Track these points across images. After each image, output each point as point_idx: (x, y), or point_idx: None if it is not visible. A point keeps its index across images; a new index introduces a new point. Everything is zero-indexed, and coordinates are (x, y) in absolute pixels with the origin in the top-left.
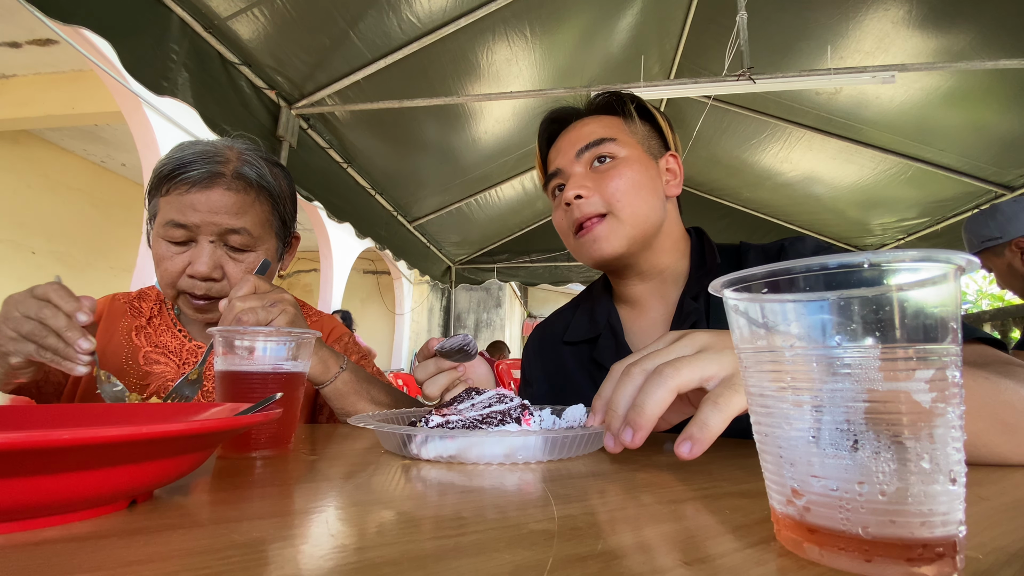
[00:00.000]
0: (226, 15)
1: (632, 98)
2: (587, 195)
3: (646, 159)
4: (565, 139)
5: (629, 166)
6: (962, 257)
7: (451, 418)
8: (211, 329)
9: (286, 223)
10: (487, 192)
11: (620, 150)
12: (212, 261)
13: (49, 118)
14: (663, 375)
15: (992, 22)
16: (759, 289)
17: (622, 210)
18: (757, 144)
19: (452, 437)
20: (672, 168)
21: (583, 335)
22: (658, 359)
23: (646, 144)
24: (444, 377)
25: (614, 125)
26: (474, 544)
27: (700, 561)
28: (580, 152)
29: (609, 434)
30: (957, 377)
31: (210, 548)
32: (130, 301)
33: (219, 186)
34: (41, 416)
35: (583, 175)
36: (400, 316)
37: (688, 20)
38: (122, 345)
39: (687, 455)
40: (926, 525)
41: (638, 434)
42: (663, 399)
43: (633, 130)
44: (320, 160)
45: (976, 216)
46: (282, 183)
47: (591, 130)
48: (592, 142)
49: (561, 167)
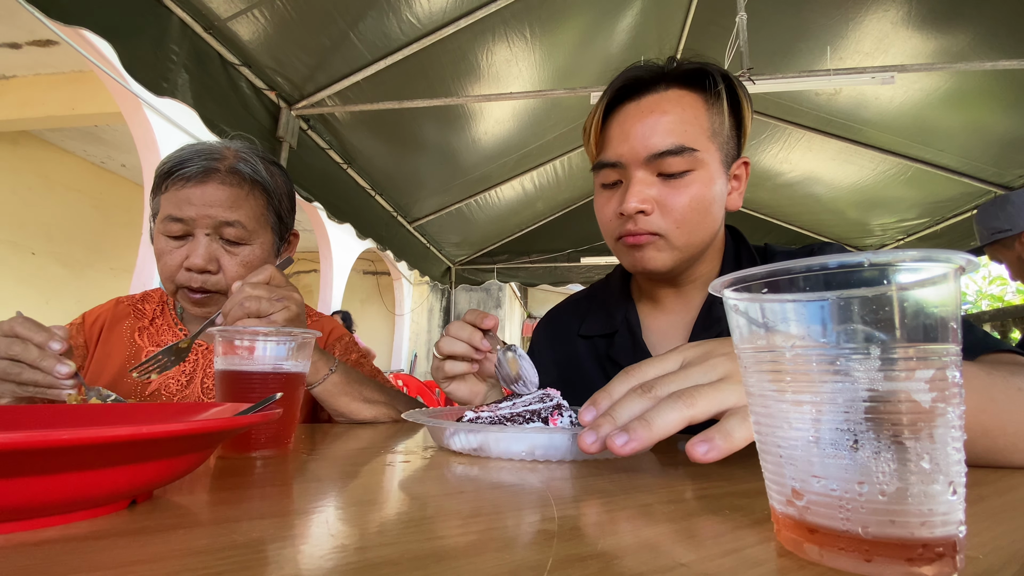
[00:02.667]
0: (226, 16)
1: (725, 77)
2: (650, 211)
3: (720, 172)
4: (637, 122)
5: (703, 185)
6: (962, 257)
7: (483, 414)
8: (212, 329)
9: (282, 219)
10: (487, 193)
11: (698, 164)
12: (207, 253)
13: (49, 119)
14: (678, 404)
15: (992, 23)
16: (759, 289)
17: (680, 237)
18: (757, 144)
19: (476, 431)
20: (740, 175)
21: (600, 330)
22: (673, 385)
23: (724, 150)
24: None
25: (697, 117)
26: (474, 544)
27: (700, 561)
28: (652, 157)
29: (591, 432)
30: (957, 377)
31: (210, 548)
32: (134, 304)
33: (214, 180)
34: (41, 416)
35: (649, 183)
36: (400, 317)
37: (688, 21)
38: (125, 346)
39: (701, 457)
40: (926, 525)
41: (632, 444)
42: (674, 424)
43: (715, 127)
44: (320, 161)
45: (986, 207)
46: (278, 180)
47: (670, 125)
48: (668, 150)
49: (624, 161)
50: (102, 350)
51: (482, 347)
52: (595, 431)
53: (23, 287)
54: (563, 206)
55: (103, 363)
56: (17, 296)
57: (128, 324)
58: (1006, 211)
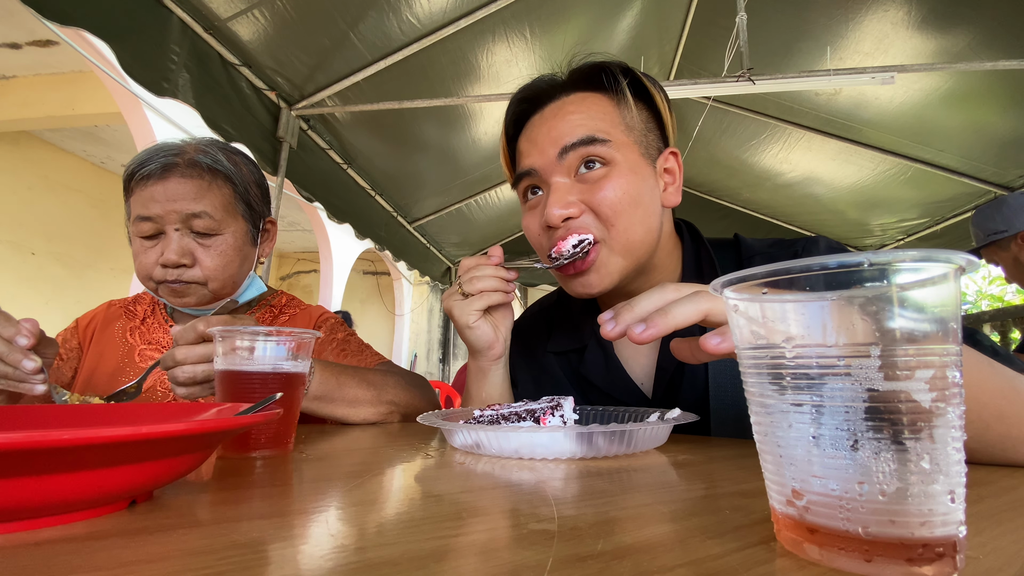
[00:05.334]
0: (226, 16)
1: (625, 70)
2: (576, 214)
3: (643, 164)
4: (542, 128)
5: (624, 176)
6: (962, 257)
7: (486, 412)
8: (212, 329)
9: (252, 207)
10: (487, 193)
11: (614, 154)
12: (180, 248)
13: (49, 119)
14: (699, 297)
15: (992, 23)
16: (759, 289)
17: (617, 238)
18: (757, 145)
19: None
20: (671, 168)
21: (568, 345)
22: (697, 287)
23: (643, 141)
24: (494, 281)
25: (605, 113)
26: (474, 544)
27: (700, 561)
28: (563, 152)
29: (611, 319)
30: (957, 377)
31: (210, 548)
32: (125, 305)
33: (174, 175)
34: (41, 416)
35: (567, 187)
36: (400, 317)
37: (688, 21)
38: (118, 346)
39: (714, 348)
40: (926, 525)
41: (650, 331)
42: (691, 314)
43: (628, 120)
44: (320, 161)
45: (983, 209)
46: (242, 168)
47: (577, 121)
48: (578, 141)
49: (537, 167)
50: (95, 351)
51: (508, 276)
52: (615, 319)
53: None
54: None
55: (96, 363)
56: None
57: (120, 324)
58: (1002, 213)
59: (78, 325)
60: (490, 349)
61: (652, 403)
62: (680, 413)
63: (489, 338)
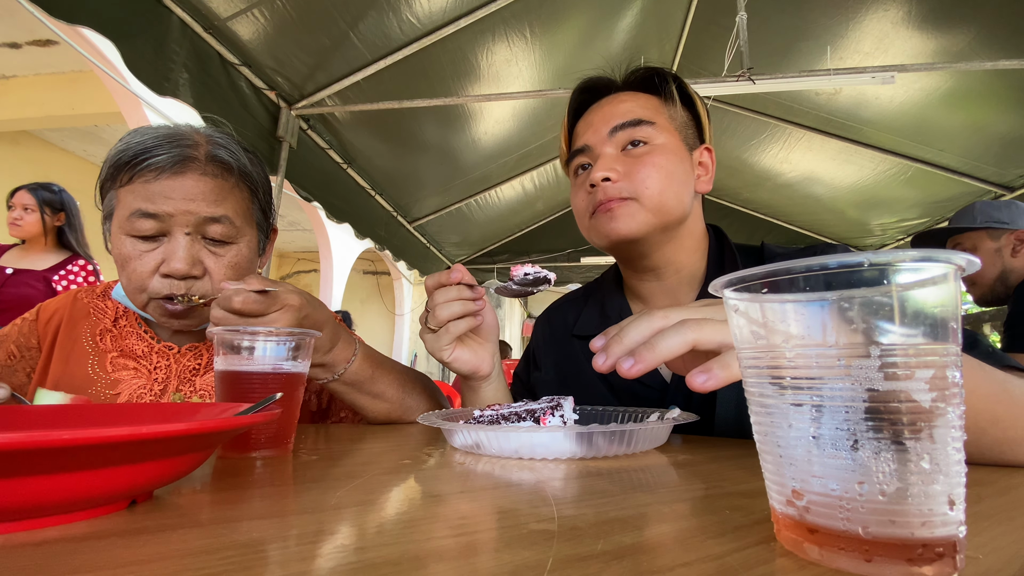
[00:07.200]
0: (226, 16)
1: (675, 78)
2: (615, 179)
3: (682, 149)
4: (598, 113)
5: (664, 155)
6: (962, 257)
7: (486, 412)
8: (212, 330)
9: (266, 214)
10: (487, 193)
11: (657, 136)
12: (191, 256)
13: (49, 119)
14: (685, 327)
15: (992, 22)
16: (759, 289)
17: (649, 199)
18: (757, 144)
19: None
20: (705, 163)
21: (594, 329)
22: (684, 314)
23: (683, 133)
24: (459, 305)
25: (653, 106)
26: (474, 544)
27: (700, 561)
28: (614, 131)
29: (603, 353)
30: (957, 377)
31: (210, 548)
32: (93, 300)
33: (193, 171)
34: (41, 416)
35: (614, 157)
36: (400, 317)
37: (688, 21)
38: (86, 351)
39: (700, 386)
40: (926, 525)
41: (638, 366)
42: (677, 346)
43: (672, 115)
44: (320, 160)
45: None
46: (259, 170)
47: (628, 108)
48: (628, 122)
49: (590, 144)
50: (59, 354)
51: (475, 294)
52: (605, 352)
53: None
54: (563, 206)
55: (61, 368)
56: None
57: (88, 325)
58: (1011, 209)
59: (39, 317)
60: (475, 372)
61: (671, 385)
62: (680, 413)
63: (471, 364)
